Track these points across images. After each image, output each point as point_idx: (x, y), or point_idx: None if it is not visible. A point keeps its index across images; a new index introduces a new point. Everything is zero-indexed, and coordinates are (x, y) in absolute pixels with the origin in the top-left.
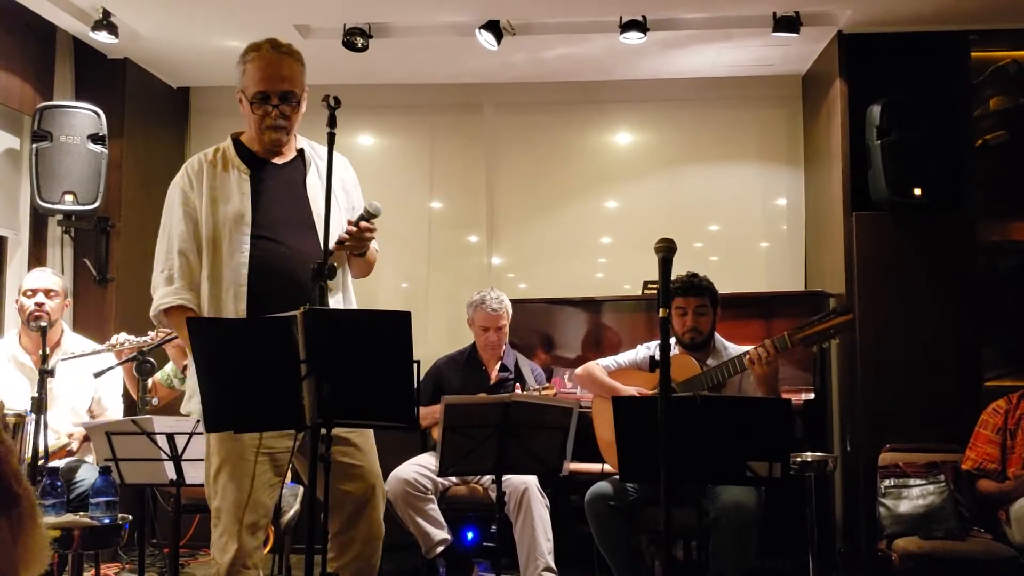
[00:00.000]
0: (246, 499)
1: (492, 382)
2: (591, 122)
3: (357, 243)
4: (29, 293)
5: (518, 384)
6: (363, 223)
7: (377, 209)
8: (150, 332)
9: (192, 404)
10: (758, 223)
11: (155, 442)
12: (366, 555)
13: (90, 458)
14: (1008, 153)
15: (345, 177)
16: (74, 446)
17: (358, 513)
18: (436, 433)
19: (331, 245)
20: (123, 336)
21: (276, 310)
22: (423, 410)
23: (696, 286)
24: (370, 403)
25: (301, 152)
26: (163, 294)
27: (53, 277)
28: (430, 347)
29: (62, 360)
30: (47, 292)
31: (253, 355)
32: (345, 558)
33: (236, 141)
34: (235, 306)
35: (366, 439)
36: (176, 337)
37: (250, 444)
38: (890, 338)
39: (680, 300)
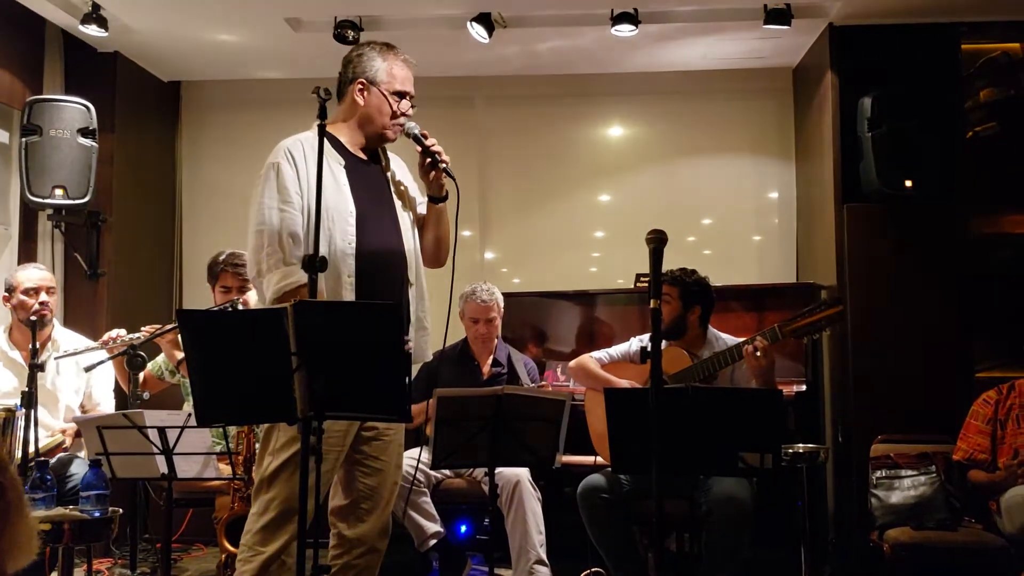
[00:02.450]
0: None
1: (485, 377)
2: (583, 115)
3: (437, 155)
4: (32, 293)
5: None
6: (424, 144)
7: (412, 128)
8: (143, 328)
9: None
10: (750, 216)
11: (146, 436)
12: (377, 550)
13: (83, 453)
14: (999, 145)
15: (403, 170)
16: (67, 442)
17: (372, 508)
18: (429, 429)
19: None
20: (115, 332)
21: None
22: (415, 407)
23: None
24: (362, 395)
25: (374, 152)
26: (287, 273)
27: (46, 272)
28: None
29: (55, 358)
30: (48, 290)
31: (244, 347)
32: (352, 553)
33: (325, 132)
34: (349, 296)
35: (396, 434)
36: (171, 330)
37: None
38: (882, 330)
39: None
